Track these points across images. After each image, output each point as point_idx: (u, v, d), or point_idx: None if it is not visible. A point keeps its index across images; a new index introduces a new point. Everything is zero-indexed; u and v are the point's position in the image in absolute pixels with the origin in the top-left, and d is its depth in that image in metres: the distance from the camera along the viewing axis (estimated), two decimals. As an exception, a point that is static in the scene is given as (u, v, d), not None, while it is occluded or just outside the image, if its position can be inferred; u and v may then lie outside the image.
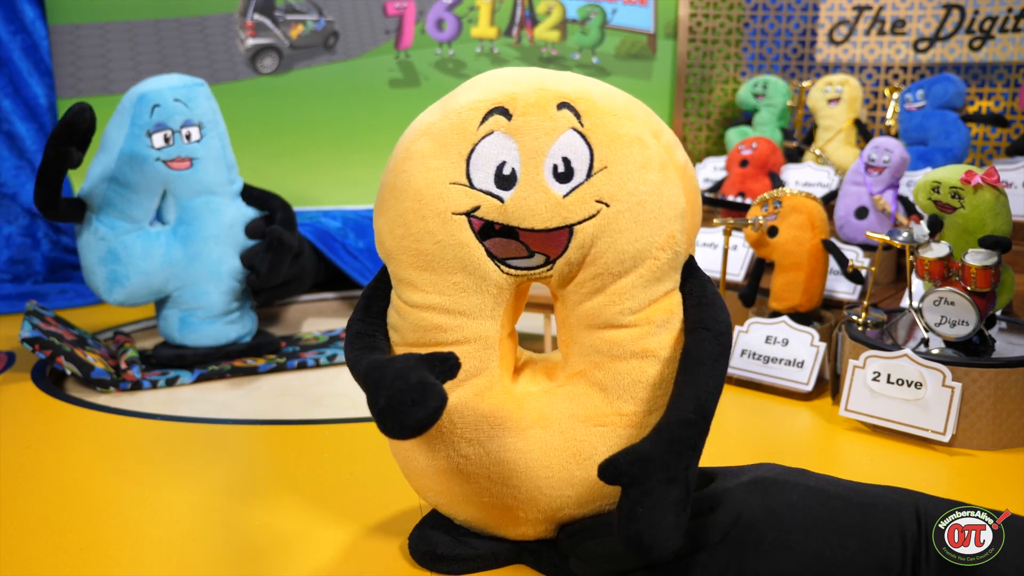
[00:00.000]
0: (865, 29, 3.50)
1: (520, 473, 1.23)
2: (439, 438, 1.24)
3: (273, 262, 2.34)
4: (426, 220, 1.18)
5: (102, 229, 2.28)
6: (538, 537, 1.29)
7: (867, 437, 1.86)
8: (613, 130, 1.16)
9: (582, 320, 1.21)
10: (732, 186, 3.02)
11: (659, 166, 1.17)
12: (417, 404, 1.01)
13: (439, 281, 1.20)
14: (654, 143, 1.18)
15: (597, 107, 1.17)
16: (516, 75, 1.21)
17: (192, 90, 2.32)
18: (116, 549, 1.39)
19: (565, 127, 1.15)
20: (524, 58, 3.63)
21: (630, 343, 1.18)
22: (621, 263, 1.16)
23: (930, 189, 1.86)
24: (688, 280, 1.22)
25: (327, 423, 1.95)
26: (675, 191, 1.18)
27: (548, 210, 1.15)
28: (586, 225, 1.16)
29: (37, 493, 1.60)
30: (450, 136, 1.18)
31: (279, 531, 1.44)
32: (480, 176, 1.17)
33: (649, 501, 1.00)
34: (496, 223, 1.17)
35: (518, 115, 1.16)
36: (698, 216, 1.25)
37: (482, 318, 1.22)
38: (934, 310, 1.86)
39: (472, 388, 1.23)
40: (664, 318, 1.19)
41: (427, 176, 1.18)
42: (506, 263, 1.20)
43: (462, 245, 1.18)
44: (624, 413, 1.20)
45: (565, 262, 1.18)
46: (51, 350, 2.16)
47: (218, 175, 2.35)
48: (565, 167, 1.15)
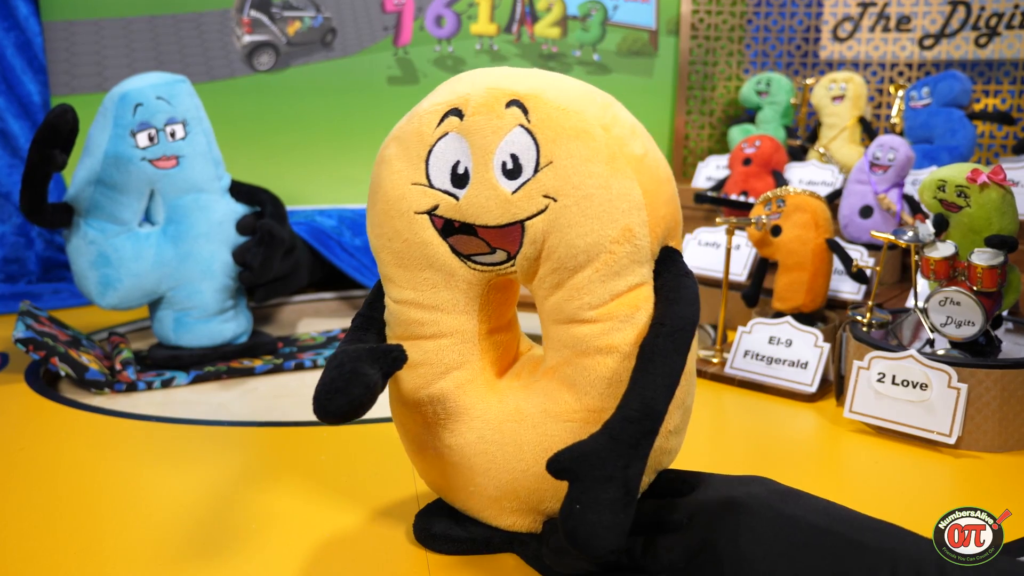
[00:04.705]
0: (870, 26, 3.47)
1: (498, 466, 1.27)
2: (427, 429, 1.30)
3: (265, 256, 2.32)
4: (394, 220, 1.25)
5: (91, 233, 2.26)
6: (529, 528, 1.32)
7: (872, 439, 1.84)
8: (558, 124, 1.18)
9: (549, 315, 1.24)
10: (735, 185, 3.00)
11: (607, 158, 1.17)
12: (340, 392, 1.12)
13: (412, 278, 1.26)
14: (602, 135, 1.18)
15: (544, 102, 1.19)
16: (475, 77, 1.25)
17: (174, 87, 2.30)
18: (111, 552, 1.38)
19: (512, 124, 1.18)
20: (524, 55, 3.61)
21: (593, 339, 1.19)
22: (574, 257, 1.18)
23: (936, 188, 1.86)
24: (661, 275, 1.21)
25: (324, 425, 1.94)
26: (627, 183, 1.17)
27: (498, 207, 1.19)
28: (536, 220, 1.18)
29: (31, 496, 1.59)
30: (411, 139, 1.24)
31: (276, 534, 1.43)
32: (438, 176, 1.22)
33: (586, 499, 1.02)
34: (455, 221, 1.21)
35: (469, 115, 1.20)
36: (668, 208, 1.22)
37: (456, 313, 1.27)
38: (940, 310, 1.85)
39: (453, 381, 1.28)
40: (628, 313, 1.18)
41: (392, 178, 1.25)
42: (471, 259, 1.24)
43: (426, 243, 1.24)
44: (592, 409, 1.20)
45: (524, 257, 1.21)
46: (45, 351, 2.14)
47: (205, 172, 2.33)
48: (513, 164, 1.18)
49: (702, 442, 1.82)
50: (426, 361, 1.28)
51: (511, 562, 1.33)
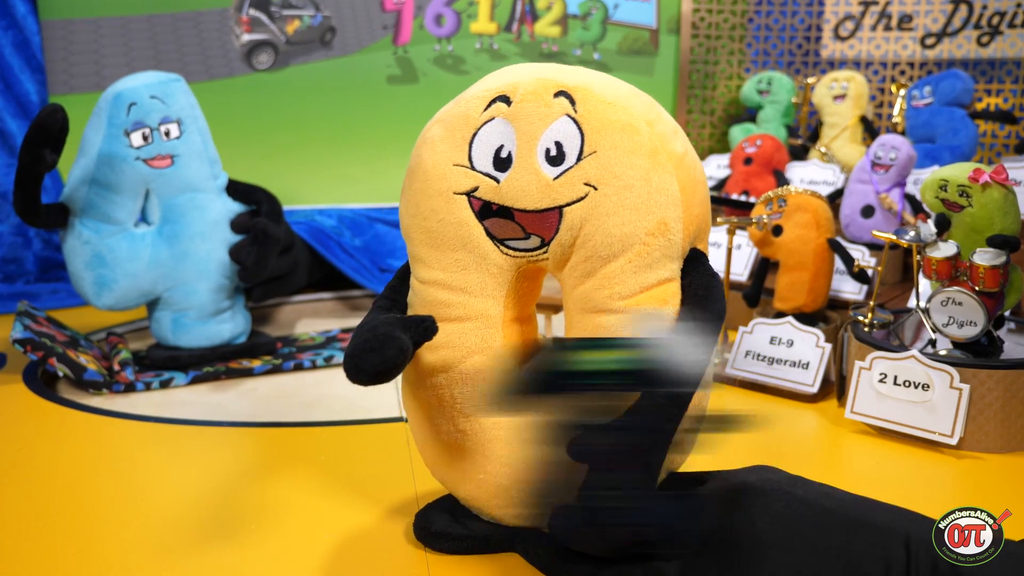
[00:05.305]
0: (871, 24, 3.46)
1: (513, 452, 1.27)
2: (441, 412, 1.31)
3: (259, 254, 2.31)
4: (431, 199, 1.27)
5: (86, 233, 2.25)
6: (533, 523, 1.31)
7: (873, 440, 1.84)
8: (605, 117, 1.21)
9: (577, 304, 1.26)
10: (736, 184, 3.00)
11: (649, 152, 1.20)
12: (375, 351, 1.13)
13: (442, 258, 1.28)
14: (646, 130, 1.21)
15: (592, 95, 1.22)
16: (526, 68, 1.28)
17: (169, 86, 2.29)
18: (110, 552, 1.38)
19: (559, 113, 1.21)
20: (524, 54, 3.60)
21: (620, 329, 1.20)
22: (609, 246, 1.20)
23: (937, 187, 1.86)
24: (689, 273, 1.24)
25: (323, 425, 1.95)
26: (666, 178, 1.20)
27: (539, 191, 1.21)
28: (575, 207, 1.20)
29: (29, 496, 1.59)
30: (457, 122, 1.27)
31: (276, 533, 1.43)
32: (480, 158, 1.24)
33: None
34: (493, 203, 1.23)
35: (517, 102, 1.23)
36: (701, 208, 1.26)
37: (484, 296, 1.28)
38: (941, 310, 1.84)
39: (473, 365, 1.28)
40: (655, 307, 1.20)
41: (434, 158, 1.27)
42: (505, 243, 1.26)
43: (462, 223, 1.25)
44: None
45: (558, 244, 1.23)
46: (43, 351, 2.14)
47: (200, 171, 2.32)
48: (557, 151, 1.21)
49: (703, 443, 1.81)
50: (448, 343, 1.28)
51: (511, 560, 1.33)
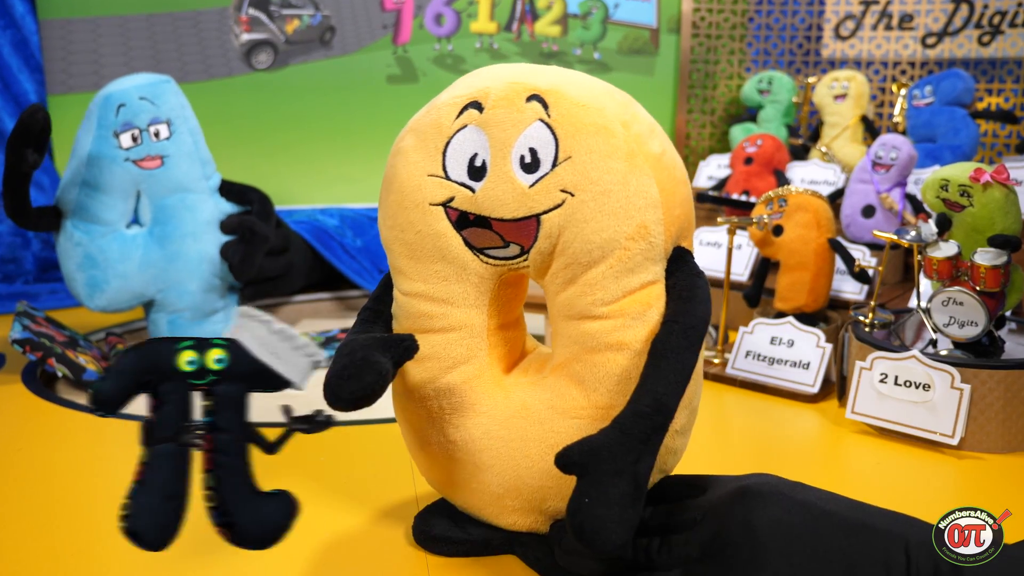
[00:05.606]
0: (872, 24, 3.46)
1: (503, 462, 1.26)
2: (430, 423, 1.29)
3: (246, 252, 2.30)
4: (407, 211, 1.24)
5: (77, 234, 2.25)
6: (530, 528, 1.31)
7: (874, 440, 1.83)
8: (579, 120, 1.18)
9: (560, 311, 1.24)
10: (736, 184, 2.99)
11: (625, 155, 1.17)
12: (352, 379, 1.12)
13: (423, 270, 1.26)
14: (622, 132, 1.18)
15: (565, 98, 1.19)
16: (496, 71, 1.25)
17: (158, 87, 2.29)
18: (109, 552, 1.38)
19: (532, 119, 1.18)
20: (524, 54, 3.60)
21: (604, 335, 1.19)
22: (589, 252, 1.18)
23: (938, 187, 1.85)
24: (674, 274, 1.21)
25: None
26: (645, 180, 1.17)
27: (515, 200, 1.18)
28: (552, 215, 1.18)
29: (28, 496, 1.59)
30: (429, 131, 1.24)
31: (269, 539, 1.42)
32: (455, 168, 1.22)
33: (595, 493, 1.02)
34: (470, 213, 1.21)
35: (488, 108, 1.20)
36: (682, 208, 1.23)
37: (466, 307, 1.27)
38: (942, 310, 1.84)
39: (460, 375, 1.27)
40: (639, 311, 1.18)
41: (408, 169, 1.24)
42: (484, 252, 1.24)
43: (440, 235, 1.23)
44: (600, 406, 1.20)
45: (537, 252, 1.21)
46: (42, 351, 2.13)
47: (191, 171, 2.32)
48: (532, 158, 1.18)
49: (704, 443, 1.80)
50: (433, 355, 1.27)
51: (511, 564, 1.32)
